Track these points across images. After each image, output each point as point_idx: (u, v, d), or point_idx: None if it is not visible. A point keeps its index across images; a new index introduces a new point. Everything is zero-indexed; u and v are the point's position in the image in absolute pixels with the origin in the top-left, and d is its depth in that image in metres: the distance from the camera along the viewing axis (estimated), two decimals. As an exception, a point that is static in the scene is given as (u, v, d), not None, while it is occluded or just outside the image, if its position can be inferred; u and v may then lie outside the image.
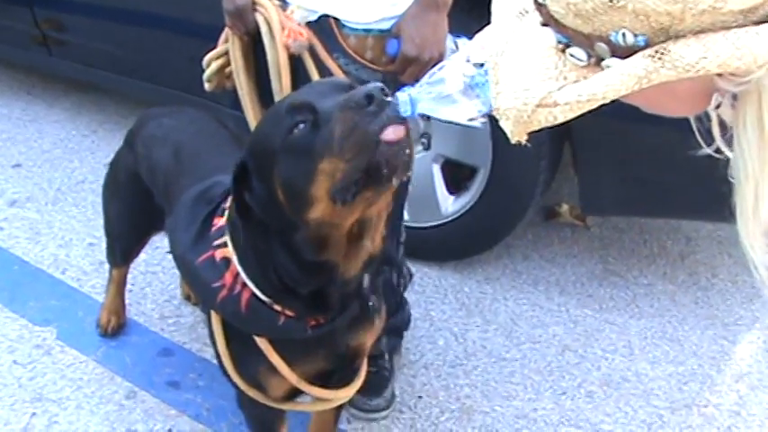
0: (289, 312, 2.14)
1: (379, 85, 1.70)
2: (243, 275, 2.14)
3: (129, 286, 3.67)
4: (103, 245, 3.46)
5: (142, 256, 3.63)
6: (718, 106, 1.29)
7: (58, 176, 4.89)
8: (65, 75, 5.74)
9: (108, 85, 5.41)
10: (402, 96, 1.67)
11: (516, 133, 1.35)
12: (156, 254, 3.95)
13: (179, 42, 4.45)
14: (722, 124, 1.40)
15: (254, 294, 2.14)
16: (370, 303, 2.27)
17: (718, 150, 1.38)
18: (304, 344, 2.25)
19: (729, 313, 3.83)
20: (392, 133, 1.69)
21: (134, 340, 3.57)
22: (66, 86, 5.99)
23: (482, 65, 1.63)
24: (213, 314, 2.33)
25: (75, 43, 5.26)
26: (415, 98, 1.65)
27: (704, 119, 1.44)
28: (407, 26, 2.54)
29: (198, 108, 3.23)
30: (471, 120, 1.67)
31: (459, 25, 2.68)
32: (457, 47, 2.80)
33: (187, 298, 3.71)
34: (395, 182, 1.78)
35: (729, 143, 1.34)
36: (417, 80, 2.55)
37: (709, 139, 1.39)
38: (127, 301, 3.65)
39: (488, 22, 1.46)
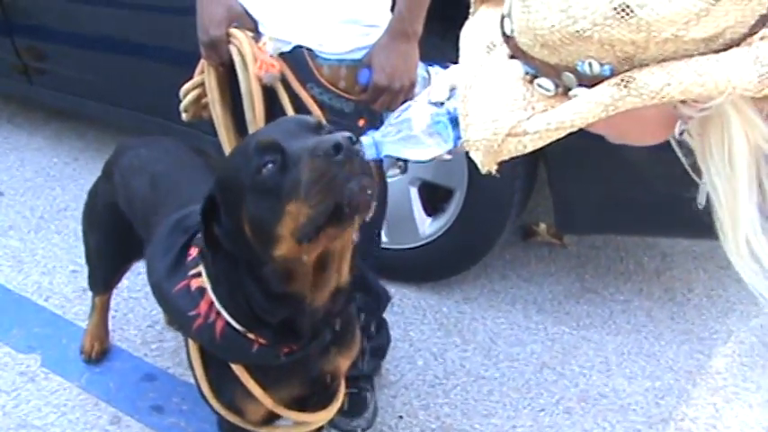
0: (262, 340, 2.19)
1: (347, 134, 1.76)
2: (217, 305, 2.19)
3: (112, 312, 3.69)
4: (86, 272, 3.48)
5: (125, 282, 3.66)
6: (681, 134, 1.32)
7: (41, 204, 4.91)
8: (46, 103, 5.75)
9: (89, 112, 5.42)
10: (366, 140, 1.72)
11: (486, 163, 1.37)
12: (139, 280, 3.96)
13: (159, 70, 4.47)
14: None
15: (228, 323, 2.18)
16: (336, 328, 2.30)
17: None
18: (279, 370, 2.29)
19: (705, 328, 3.87)
20: (358, 183, 1.76)
21: (118, 366, 3.59)
22: (47, 115, 6.01)
23: (442, 103, 1.68)
24: (190, 341, 2.38)
25: (56, 72, 5.28)
26: (380, 141, 1.70)
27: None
28: (378, 56, 2.59)
29: (174, 138, 3.27)
30: (434, 158, 1.72)
31: (433, 50, 2.74)
32: (429, 75, 2.85)
33: (170, 323, 3.72)
34: (357, 220, 1.86)
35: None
36: (390, 108, 2.62)
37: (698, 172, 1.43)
38: (110, 327, 3.67)
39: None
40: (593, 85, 1.23)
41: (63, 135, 5.80)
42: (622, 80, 1.19)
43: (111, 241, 3.19)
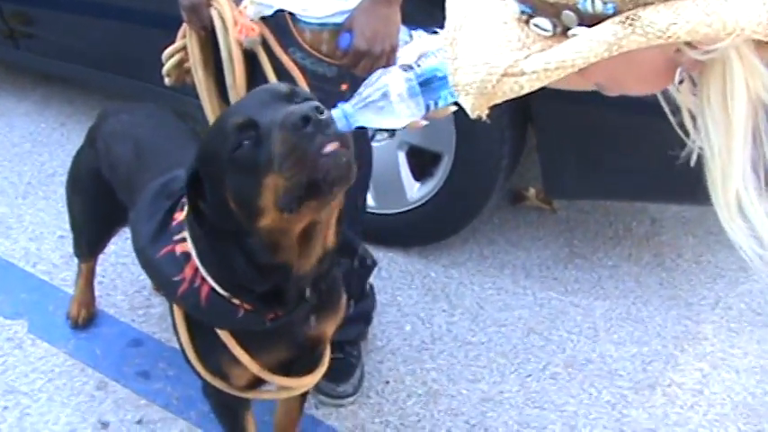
0: (247, 306, 2.18)
1: (314, 104, 1.77)
2: (202, 270, 2.19)
3: (99, 278, 3.70)
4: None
5: (112, 247, 3.66)
6: (681, 82, 1.30)
7: (28, 170, 4.89)
8: (33, 68, 5.73)
9: (76, 77, 5.41)
10: (336, 112, 1.70)
11: (478, 107, 1.34)
12: (127, 245, 3.90)
13: (147, 34, 4.44)
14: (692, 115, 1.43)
15: (213, 289, 2.19)
16: (321, 292, 2.31)
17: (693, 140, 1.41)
18: (265, 335, 2.30)
19: (693, 293, 3.86)
20: (328, 150, 1.76)
21: (104, 331, 3.59)
22: (35, 80, 5.97)
23: (411, 67, 1.66)
24: (175, 306, 2.38)
25: (43, 36, 5.26)
26: (350, 112, 1.68)
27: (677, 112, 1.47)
28: (359, 20, 2.57)
29: (157, 103, 3.26)
30: (409, 125, 1.71)
31: (419, 14, 2.72)
32: (412, 39, 2.83)
33: (157, 289, 3.72)
34: (336, 192, 1.88)
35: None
36: (371, 72, 2.59)
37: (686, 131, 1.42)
38: (97, 293, 3.68)
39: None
40: (593, 25, 1.20)
41: (50, 100, 5.78)
42: (627, 18, 1.17)
43: (96, 208, 3.19)
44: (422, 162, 3.93)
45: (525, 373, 3.40)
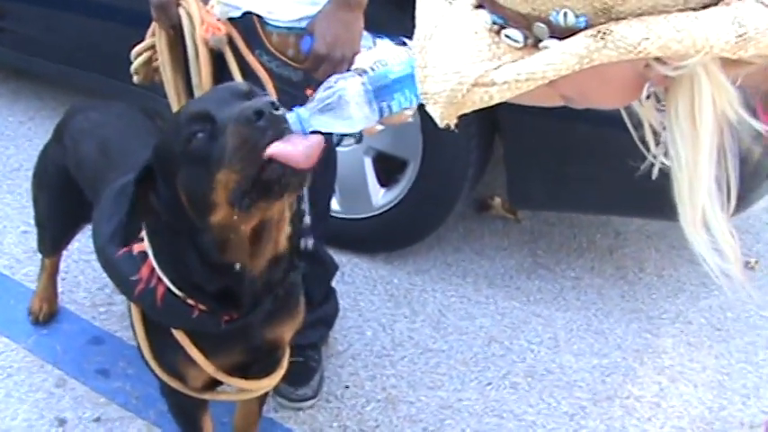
0: (202, 307, 2.19)
1: (269, 99, 1.78)
2: (158, 270, 2.19)
3: (61, 274, 3.68)
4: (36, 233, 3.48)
5: (75, 244, 3.64)
6: (648, 97, 1.31)
7: (-6, 163, 4.87)
8: (2, 62, 5.70)
9: (45, 72, 5.39)
10: (290, 116, 1.71)
11: (447, 116, 1.33)
12: (90, 242, 3.91)
13: (117, 31, 4.43)
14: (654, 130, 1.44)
15: (168, 289, 2.19)
16: (278, 297, 2.31)
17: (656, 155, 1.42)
18: (221, 337, 2.30)
19: (654, 307, 3.89)
20: (276, 148, 1.74)
21: (65, 328, 3.58)
22: (4, 73, 5.94)
23: (366, 72, 1.66)
24: (133, 305, 2.37)
25: (13, 30, 5.24)
26: (305, 116, 1.69)
27: (639, 127, 1.48)
28: (320, 24, 2.58)
29: (125, 102, 3.25)
30: (364, 129, 1.72)
31: (387, 21, 2.72)
32: (375, 46, 2.84)
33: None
34: (287, 195, 1.88)
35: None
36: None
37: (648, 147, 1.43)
38: (59, 289, 3.66)
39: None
40: (565, 38, 1.20)
41: (19, 94, 5.74)
42: (599, 32, 1.17)
43: (61, 204, 3.18)
44: (388, 168, 3.93)
45: (485, 381, 3.41)
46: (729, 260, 1.34)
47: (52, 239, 3.41)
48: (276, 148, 1.73)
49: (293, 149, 1.72)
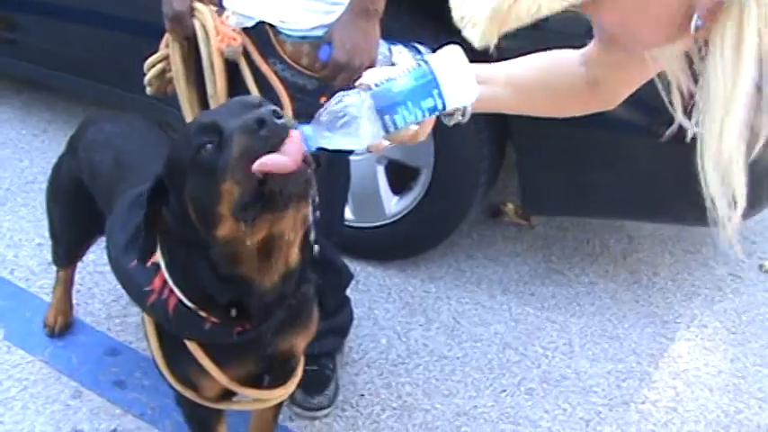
0: (214, 319, 2.19)
1: (271, 108, 1.75)
2: (170, 281, 2.19)
3: (76, 286, 3.69)
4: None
5: (90, 256, 3.66)
6: (696, 30, 1.30)
7: (8, 176, 4.88)
8: (15, 74, 5.72)
9: (58, 84, 5.40)
10: (295, 134, 1.70)
11: (488, 34, 1.33)
12: (104, 254, 3.94)
13: (129, 43, 4.45)
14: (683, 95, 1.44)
15: (180, 300, 2.19)
16: (291, 308, 2.31)
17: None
18: (234, 347, 2.30)
19: (669, 311, 3.90)
20: (259, 161, 1.73)
21: (81, 340, 3.58)
22: (17, 86, 5.96)
23: (370, 88, 1.65)
24: (146, 316, 2.38)
25: (26, 43, 5.26)
26: (310, 134, 1.68)
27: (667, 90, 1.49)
28: (339, 33, 2.60)
29: (139, 113, 3.27)
30: (368, 148, 1.71)
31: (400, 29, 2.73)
32: (390, 53, 2.86)
33: (133, 297, 3.74)
34: (292, 207, 1.84)
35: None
36: (349, 86, 2.61)
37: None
38: (74, 301, 3.66)
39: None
40: None
41: (32, 106, 5.77)
42: None
43: (75, 216, 3.19)
44: (400, 177, 3.94)
45: (500, 388, 3.41)
46: (737, 209, 1.35)
47: (66, 251, 3.42)
48: (259, 161, 1.72)
49: (274, 155, 1.71)
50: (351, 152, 1.77)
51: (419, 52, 3.04)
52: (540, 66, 1.89)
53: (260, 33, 2.69)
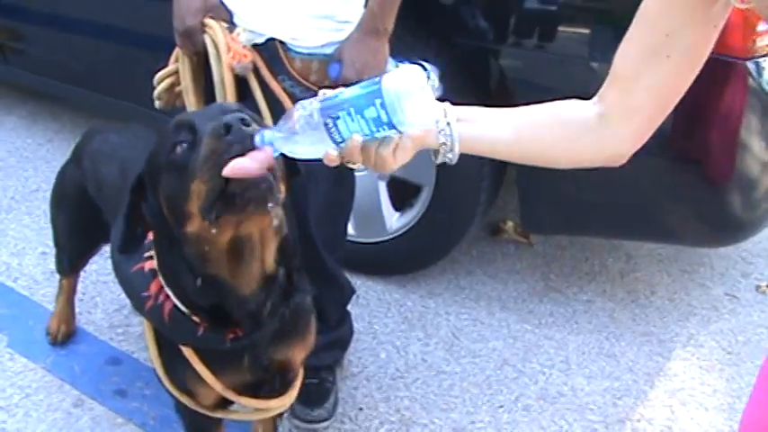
0: (205, 324, 2.24)
1: (241, 115, 1.79)
2: (165, 287, 2.25)
3: (79, 295, 3.72)
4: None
5: (93, 265, 3.69)
6: None
7: (12, 185, 4.92)
8: (21, 84, 5.76)
9: (63, 95, 5.43)
10: (257, 138, 1.72)
11: None
12: (108, 264, 3.93)
13: (135, 55, 4.49)
14: None
15: (175, 305, 2.25)
16: (284, 318, 2.34)
17: None
18: (228, 355, 2.33)
19: (665, 330, 3.92)
20: (228, 165, 1.76)
21: (83, 349, 3.61)
22: (23, 95, 6.01)
23: (328, 98, 1.64)
24: (146, 322, 2.43)
25: (32, 53, 5.30)
26: (269, 139, 1.69)
27: None
28: (349, 51, 2.64)
29: (144, 124, 3.30)
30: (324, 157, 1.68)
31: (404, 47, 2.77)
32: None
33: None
34: (252, 210, 1.88)
35: None
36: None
37: None
38: (77, 310, 3.70)
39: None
40: None
41: (38, 116, 5.82)
42: None
43: (79, 224, 3.24)
44: (402, 193, 3.98)
45: (498, 404, 3.43)
46: None
47: (70, 259, 3.46)
48: (228, 165, 1.75)
49: (243, 159, 1.74)
50: (318, 160, 1.75)
51: (425, 70, 3.06)
52: (546, 105, 1.85)
53: (270, 50, 2.73)
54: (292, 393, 2.60)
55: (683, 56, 1.59)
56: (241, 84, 2.74)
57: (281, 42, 2.71)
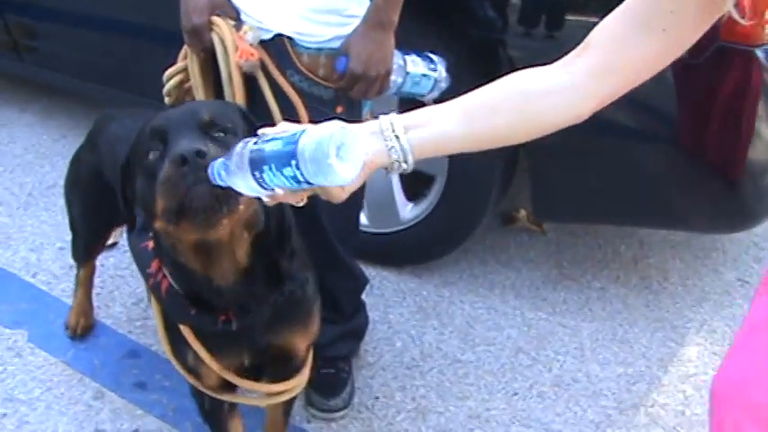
0: (193, 307, 2.33)
1: (196, 148, 1.90)
2: (163, 266, 2.35)
3: (97, 289, 3.77)
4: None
5: (111, 259, 3.74)
6: None
7: (30, 181, 4.97)
8: (36, 80, 5.79)
9: (78, 91, 5.47)
10: (210, 168, 1.76)
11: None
12: (125, 258, 4.03)
13: (149, 50, 4.51)
14: None
15: (171, 284, 2.34)
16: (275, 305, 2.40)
17: None
18: (223, 337, 2.38)
19: (679, 316, 3.93)
20: (197, 192, 1.91)
21: (102, 342, 3.66)
22: (37, 91, 6.03)
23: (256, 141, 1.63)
24: (153, 300, 2.53)
25: (46, 49, 5.33)
26: (218, 170, 1.72)
27: None
28: (355, 44, 2.66)
29: (156, 108, 3.33)
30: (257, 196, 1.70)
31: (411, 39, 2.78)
32: (405, 63, 2.92)
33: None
34: (204, 222, 1.99)
35: None
36: (366, 96, 2.69)
37: None
38: (95, 304, 3.75)
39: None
40: None
41: (53, 112, 5.85)
42: None
43: (93, 208, 3.29)
44: (415, 183, 4.00)
45: (512, 391, 3.46)
46: None
47: (85, 244, 3.51)
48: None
49: None
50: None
51: (432, 61, 3.08)
52: (498, 81, 1.78)
53: (277, 46, 2.74)
54: (300, 379, 2.65)
55: (678, 35, 1.61)
56: (249, 81, 2.76)
57: (289, 38, 2.73)
